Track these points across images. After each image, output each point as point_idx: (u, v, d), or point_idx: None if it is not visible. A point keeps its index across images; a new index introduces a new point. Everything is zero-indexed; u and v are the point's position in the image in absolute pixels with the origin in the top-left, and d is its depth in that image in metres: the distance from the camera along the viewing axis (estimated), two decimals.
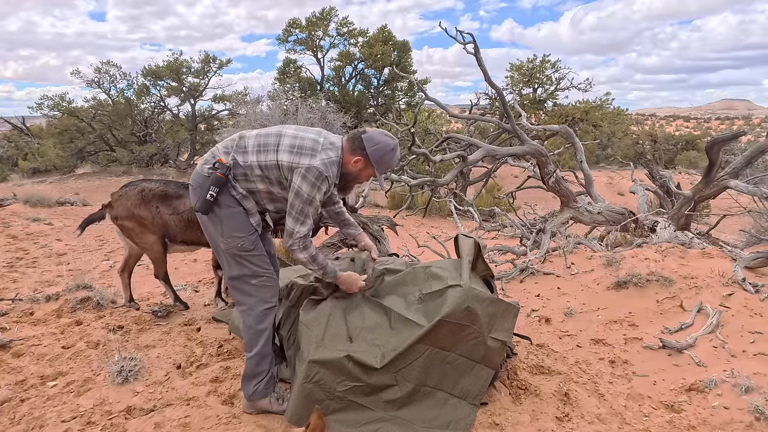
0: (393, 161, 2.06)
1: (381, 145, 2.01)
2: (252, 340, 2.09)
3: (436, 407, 2.04)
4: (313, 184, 1.95)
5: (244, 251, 2.05)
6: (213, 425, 2.03)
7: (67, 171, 17.26)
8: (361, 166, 2.04)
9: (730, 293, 2.86)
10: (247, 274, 2.07)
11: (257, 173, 2.02)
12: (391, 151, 2.03)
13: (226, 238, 2.04)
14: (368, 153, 2.01)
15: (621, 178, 14.93)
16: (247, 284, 2.08)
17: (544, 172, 4.78)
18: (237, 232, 2.04)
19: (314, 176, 1.94)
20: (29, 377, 2.35)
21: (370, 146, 2.00)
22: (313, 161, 1.95)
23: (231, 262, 2.07)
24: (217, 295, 3.34)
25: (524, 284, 3.77)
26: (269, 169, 2.01)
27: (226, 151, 2.06)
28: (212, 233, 2.08)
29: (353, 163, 2.04)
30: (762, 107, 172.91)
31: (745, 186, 3.96)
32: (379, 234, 3.67)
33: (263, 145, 2.03)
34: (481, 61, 4.50)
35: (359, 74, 21.38)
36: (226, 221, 2.03)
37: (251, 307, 2.09)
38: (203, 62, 18.15)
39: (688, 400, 2.13)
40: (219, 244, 2.07)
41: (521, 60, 20.38)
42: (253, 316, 2.08)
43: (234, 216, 2.04)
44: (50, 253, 5.27)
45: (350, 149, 2.04)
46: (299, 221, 2.00)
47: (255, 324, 2.08)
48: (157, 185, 3.10)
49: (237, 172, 2.03)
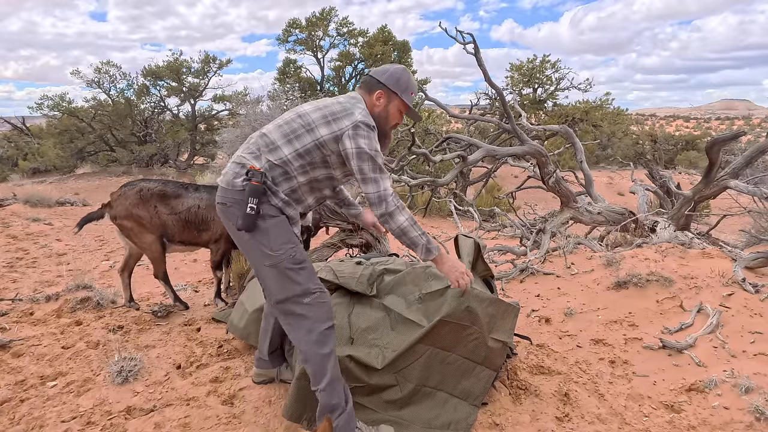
0: (411, 81, 1.96)
1: (391, 69, 1.94)
2: (319, 368, 1.82)
3: (437, 407, 2.04)
4: (368, 137, 1.80)
5: (296, 263, 1.83)
6: (213, 425, 2.03)
7: (67, 171, 17.25)
8: (386, 101, 1.93)
9: (730, 293, 2.86)
10: (298, 293, 1.83)
11: (297, 164, 1.85)
12: (403, 71, 1.95)
13: (276, 251, 1.81)
14: (384, 81, 1.91)
15: (621, 178, 14.93)
16: (299, 305, 1.84)
17: (544, 172, 4.78)
18: (287, 242, 1.83)
19: (364, 129, 1.80)
20: (29, 377, 2.35)
21: (382, 76, 1.92)
22: (354, 118, 1.82)
23: (279, 279, 1.83)
24: (216, 296, 3.34)
25: (524, 284, 3.77)
26: (310, 153, 1.84)
27: (255, 156, 1.86)
28: (256, 251, 1.84)
29: (376, 101, 1.92)
30: (762, 107, 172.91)
31: (745, 186, 3.96)
32: (379, 234, 3.66)
33: (292, 132, 1.86)
34: (481, 61, 4.50)
35: (359, 74, 21.37)
36: (273, 232, 1.82)
37: (309, 330, 1.83)
38: (203, 62, 18.15)
39: (688, 400, 2.13)
40: (264, 261, 1.84)
41: (521, 60, 20.40)
42: (312, 340, 1.83)
43: (280, 224, 1.84)
44: (50, 253, 5.27)
45: (367, 92, 1.94)
46: (379, 180, 1.80)
47: (317, 349, 1.82)
48: (155, 185, 3.10)
49: (275, 174, 1.85)
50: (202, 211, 3.11)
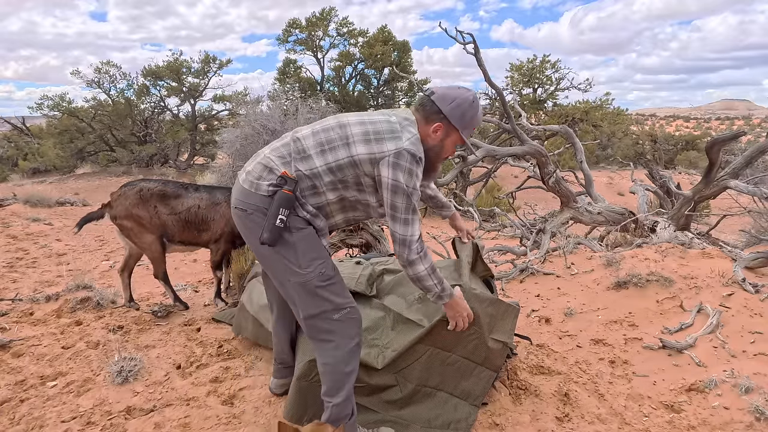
0: (477, 116, 1.71)
1: (459, 99, 1.67)
2: (337, 383, 1.73)
3: (437, 407, 2.04)
4: (410, 171, 1.60)
5: (326, 280, 1.68)
6: (213, 425, 2.03)
7: (67, 171, 17.26)
8: (443, 135, 1.69)
9: (730, 293, 2.86)
10: (329, 309, 1.70)
11: (327, 180, 1.65)
12: (471, 103, 1.68)
13: (304, 268, 1.65)
14: (446, 114, 1.66)
15: (621, 178, 14.93)
16: (328, 321, 1.71)
17: (544, 172, 4.78)
18: (316, 258, 1.67)
19: (407, 161, 1.59)
20: (29, 377, 2.35)
21: (445, 106, 1.66)
22: (399, 144, 1.60)
23: (307, 297, 1.69)
24: (216, 296, 3.34)
25: (524, 284, 3.77)
26: (342, 170, 1.64)
27: (284, 161, 1.66)
28: (281, 266, 1.68)
29: (432, 133, 1.68)
30: (762, 107, 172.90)
31: (745, 186, 3.96)
32: (378, 234, 3.67)
33: (327, 142, 1.66)
34: (481, 62, 4.50)
35: (359, 74, 21.39)
36: (302, 247, 1.65)
37: (336, 346, 1.72)
38: (203, 62, 18.16)
39: (688, 400, 2.13)
40: (290, 278, 1.68)
41: (521, 60, 20.41)
42: (339, 357, 1.72)
43: (308, 238, 1.67)
44: (50, 253, 5.27)
45: (424, 119, 1.69)
46: (409, 221, 1.63)
47: (343, 366, 1.72)
48: (155, 185, 3.10)
49: (303, 185, 1.65)
50: (202, 211, 3.11)
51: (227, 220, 3.10)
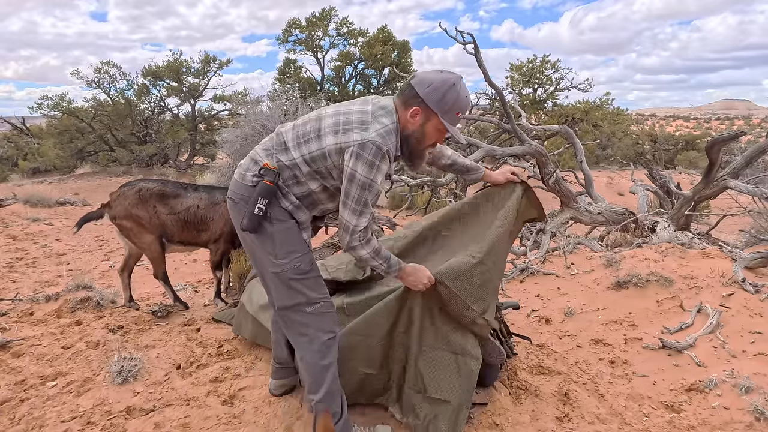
0: (460, 100, 1.64)
1: (436, 83, 1.62)
2: (317, 379, 1.76)
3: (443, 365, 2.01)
4: (371, 164, 1.59)
5: (300, 274, 1.74)
6: (213, 425, 2.03)
7: (67, 171, 17.26)
8: (422, 120, 1.66)
9: (730, 293, 2.86)
10: (302, 302, 1.75)
11: (305, 170, 1.71)
12: (451, 87, 1.62)
13: (280, 259, 1.72)
14: (423, 97, 1.62)
15: (621, 178, 14.93)
16: (301, 313, 1.76)
17: (544, 172, 4.78)
18: (293, 251, 1.72)
19: (370, 153, 1.59)
20: (29, 377, 2.35)
21: (423, 89, 1.62)
22: (365, 135, 1.60)
23: (282, 288, 1.75)
24: (216, 296, 3.34)
25: (524, 284, 3.77)
26: (315, 161, 1.69)
27: (267, 153, 1.75)
28: (260, 255, 1.75)
29: (411, 118, 1.65)
30: (762, 107, 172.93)
31: (745, 186, 3.96)
32: (378, 234, 3.67)
33: (302, 135, 1.71)
34: (481, 62, 4.50)
35: (359, 74, 21.38)
36: (279, 238, 1.72)
37: (311, 340, 1.77)
38: (203, 62, 18.16)
39: (688, 400, 2.13)
40: (268, 267, 1.75)
41: (521, 60, 20.42)
42: (314, 350, 1.76)
43: (287, 231, 1.73)
44: (50, 253, 5.27)
45: (403, 104, 1.67)
46: (357, 212, 1.66)
47: (318, 359, 1.76)
48: (154, 185, 3.10)
49: (285, 175, 1.72)
50: (201, 211, 3.11)
51: (226, 220, 3.10)
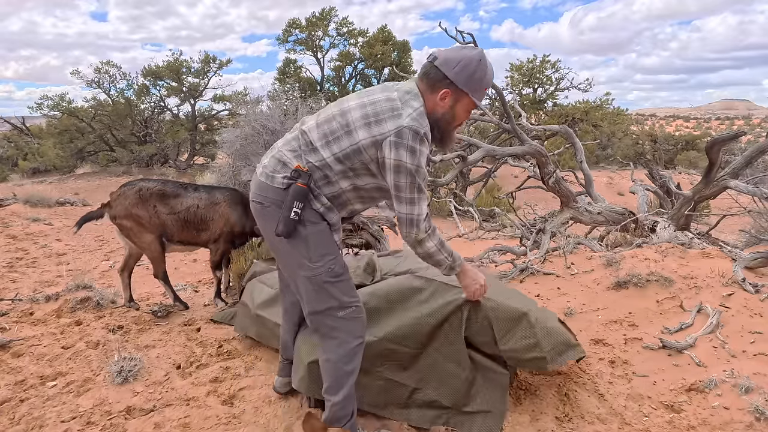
0: (487, 76, 1.61)
1: (464, 61, 1.57)
2: (338, 382, 1.74)
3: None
4: (412, 149, 1.54)
5: (334, 277, 1.69)
6: (213, 425, 2.03)
7: (67, 171, 17.27)
8: (452, 101, 1.61)
9: (730, 293, 2.86)
10: (334, 306, 1.71)
11: (337, 169, 1.64)
12: (479, 63, 1.57)
13: (314, 262, 1.66)
14: (452, 79, 1.57)
15: (621, 178, 14.93)
16: (333, 318, 1.72)
17: (544, 172, 4.78)
18: (327, 254, 1.67)
19: (409, 138, 1.53)
20: (29, 377, 2.35)
21: (450, 70, 1.57)
22: (400, 122, 1.55)
23: (313, 292, 1.71)
24: (216, 296, 3.33)
25: (524, 284, 3.77)
26: (349, 158, 1.62)
27: (296, 154, 1.68)
28: (293, 259, 1.70)
29: (440, 101, 1.60)
30: (762, 107, 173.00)
31: (745, 186, 3.96)
32: (378, 234, 3.67)
33: (330, 133, 1.65)
34: None
35: (359, 74, 21.39)
36: (313, 241, 1.66)
37: (339, 343, 1.73)
38: (203, 62, 18.17)
39: (688, 400, 2.13)
40: (299, 271, 1.70)
41: (521, 60, 20.43)
42: (341, 354, 1.73)
43: (320, 234, 1.67)
44: (50, 253, 5.27)
45: (429, 87, 1.61)
46: (414, 201, 1.59)
47: (343, 364, 1.73)
48: (154, 185, 3.10)
49: (316, 176, 1.65)
50: (201, 211, 3.11)
51: (226, 220, 3.10)
